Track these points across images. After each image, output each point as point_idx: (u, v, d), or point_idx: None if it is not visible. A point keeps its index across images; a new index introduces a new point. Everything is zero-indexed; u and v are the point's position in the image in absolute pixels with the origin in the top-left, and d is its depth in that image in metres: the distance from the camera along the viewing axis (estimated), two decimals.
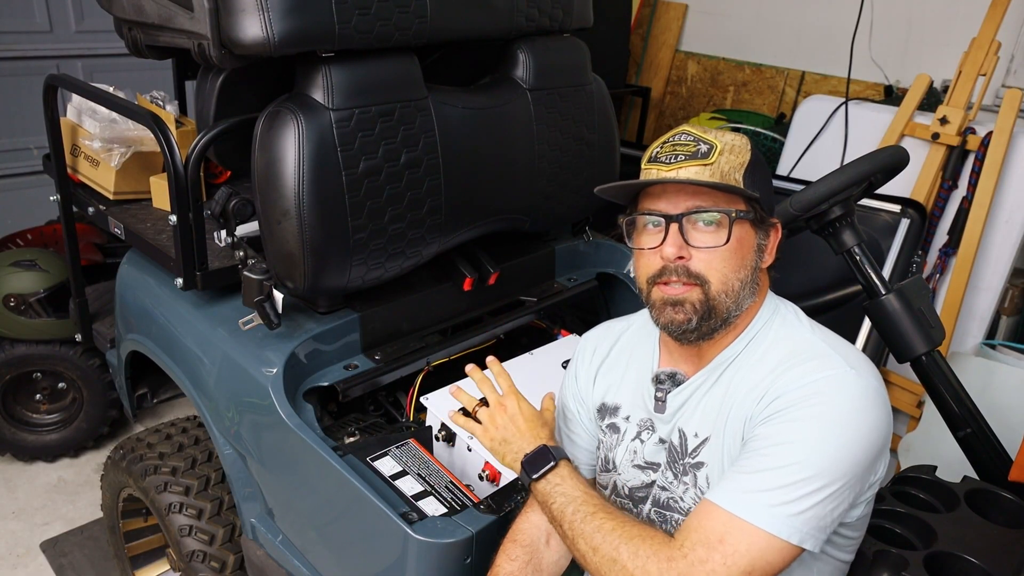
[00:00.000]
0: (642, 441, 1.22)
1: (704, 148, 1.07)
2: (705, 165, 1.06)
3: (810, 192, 1.46)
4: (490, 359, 1.33)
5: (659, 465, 1.19)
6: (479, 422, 1.28)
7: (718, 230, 1.06)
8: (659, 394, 1.19)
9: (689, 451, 1.15)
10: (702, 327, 1.09)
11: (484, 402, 1.30)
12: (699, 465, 1.13)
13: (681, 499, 1.15)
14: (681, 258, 1.07)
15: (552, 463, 1.16)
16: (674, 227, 1.07)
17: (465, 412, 1.33)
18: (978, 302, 2.46)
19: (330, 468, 1.40)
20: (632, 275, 1.28)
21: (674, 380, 1.19)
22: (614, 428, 1.27)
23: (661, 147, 1.11)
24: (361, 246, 1.56)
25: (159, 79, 2.64)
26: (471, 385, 1.33)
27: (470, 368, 1.33)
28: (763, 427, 1.03)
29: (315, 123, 1.45)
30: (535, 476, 1.16)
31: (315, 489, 1.50)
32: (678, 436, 1.16)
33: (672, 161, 1.07)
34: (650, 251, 1.10)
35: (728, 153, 1.08)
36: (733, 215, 1.06)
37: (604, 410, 1.29)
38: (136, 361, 2.08)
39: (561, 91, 1.88)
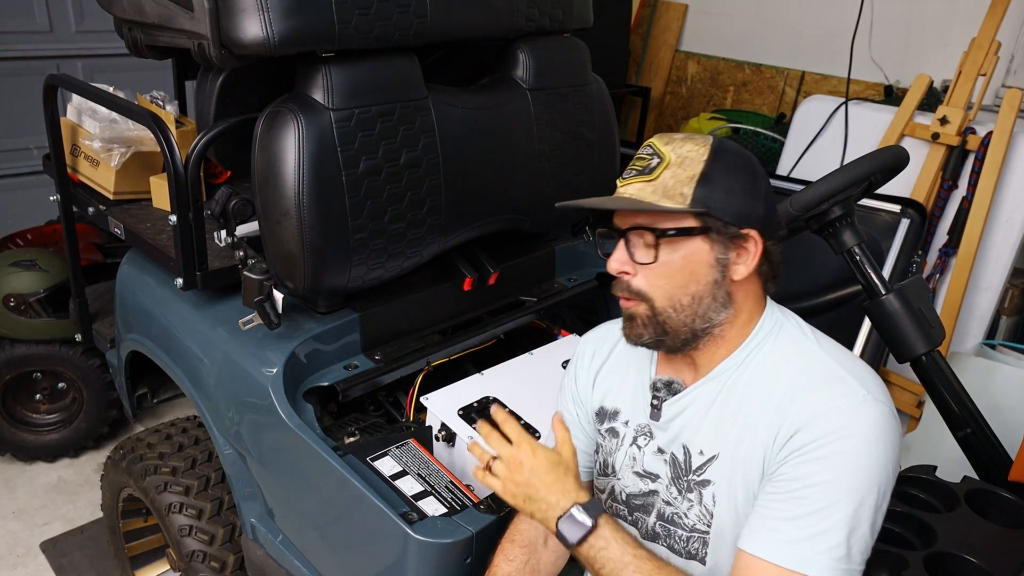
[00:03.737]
0: (639, 447, 1.21)
1: (653, 163, 1.07)
2: (648, 181, 1.06)
3: (810, 192, 1.46)
4: (494, 409, 1.20)
5: (659, 476, 1.18)
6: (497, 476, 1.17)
7: (654, 248, 1.07)
8: (655, 401, 1.18)
9: (694, 468, 1.13)
10: (664, 341, 1.10)
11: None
12: (705, 483, 1.11)
13: (685, 515, 1.14)
14: (626, 272, 1.08)
15: (590, 527, 1.06)
16: (621, 242, 1.08)
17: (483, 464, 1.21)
18: (978, 302, 2.45)
19: (330, 468, 1.40)
20: None
21: (670, 389, 1.17)
22: (613, 432, 1.26)
23: (633, 160, 1.12)
24: (361, 246, 1.56)
25: (159, 79, 2.64)
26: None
27: (479, 424, 1.24)
28: (789, 467, 1.01)
29: (315, 123, 1.45)
30: (574, 543, 1.06)
31: (315, 489, 1.50)
32: (682, 452, 1.15)
33: (627, 176, 1.09)
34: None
35: (676, 167, 1.06)
36: (658, 233, 1.05)
37: (603, 414, 1.29)
38: (136, 361, 2.08)
39: (561, 91, 1.88)
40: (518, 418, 1.62)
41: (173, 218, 1.61)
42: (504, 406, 1.25)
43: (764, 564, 0.98)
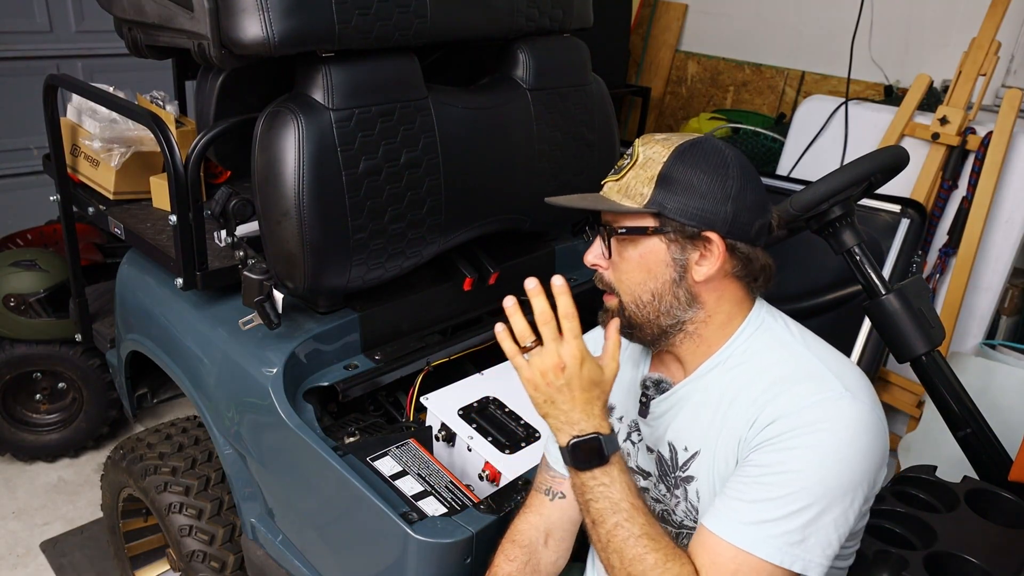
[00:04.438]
0: (633, 443, 1.22)
1: (625, 163, 1.11)
2: (616, 180, 1.11)
3: (810, 192, 1.46)
4: (558, 282, 1.05)
5: (650, 474, 1.19)
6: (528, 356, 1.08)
7: (615, 244, 1.11)
8: (643, 399, 1.20)
9: (679, 465, 1.14)
10: (634, 334, 1.13)
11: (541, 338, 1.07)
12: (689, 479, 1.13)
13: (674, 512, 1.16)
14: (599, 266, 1.14)
15: (603, 460, 1.03)
16: (599, 237, 1.13)
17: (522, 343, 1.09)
18: (978, 302, 2.45)
19: (330, 468, 1.40)
20: None
21: (659, 387, 1.19)
22: None
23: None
24: (361, 246, 1.56)
25: (159, 79, 2.64)
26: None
27: (532, 288, 1.05)
28: (759, 454, 1.02)
29: (315, 123, 1.45)
30: (581, 468, 1.04)
31: (315, 489, 1.50)
32: (668, 449, 1.16)
33: (607, 175, 1.14)
34: None
35: (639, 167, 1.09)
36: (610, 231, 1.10)
37: None
38: (136, 361, 2.08)
39: (561, 91, 1.88)
40: (516, 419, 1.62)
41: (173, 218, 1.61)
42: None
43: (717, 540, 1.00)
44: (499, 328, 1.09)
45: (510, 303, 1.08)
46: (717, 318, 1.11)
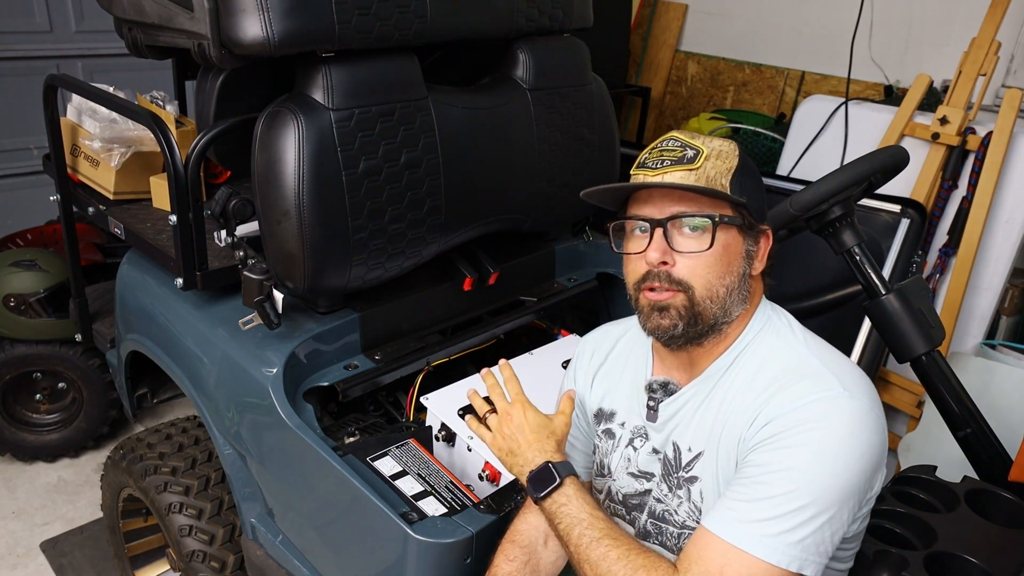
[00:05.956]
0: (635, 448, 1.22)
1: (690, 153, 1.07)
2: (691, 170, 1.07)
3: (810, 192, 1.46)
4: (502, 363, 1.30)
5: (653, 475, 1.19)
6: (490, 429, 1.26)
7: (702, 235, 1.06)
8: (651, 403, 1.19)
9: (683, 465, 1.15)
10: (689, 332, 1.09)
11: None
12: (693, 479, 1.13)
13: (676, 512, 1.16)
14: (665, 263, 1.07)
15: (556, 482, 1.12)
16: (659, 232, 1.07)
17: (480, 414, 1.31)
18: (978, 302, 2.45)
19: (330, 468, 1.40)
20: None
21: (666, 390, 1.18)
22: (609, 434, 1.27)
23: (649, 153, 1.11)
24: (361, 246, 1.56)
25: (159, 79, 2.64)
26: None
27: (484, 373, 1.30)
28: (757, 453, 1.02)
29: (315, 123, 1.45)
30: (539, 496, 1.13)
31: (315, 489, 1.51)
32: (672, 449, 1.16)
33: (658, 166, 1.08)
34: (636, 256, 1.10)
35: (715, 159, 1.08)
36: (717, 220, 1.05)
37: (600, 415, 1.30)
38: (136, 361, 2.08)
39: (561, 91, 1.88)
40: None
41: (173, 218, 1.61)
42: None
43: (710, 536, 1.00)
44: (467, 417, 1.31)
45: (470, 391, 1.30)
46: (746, 314, 1.13)
